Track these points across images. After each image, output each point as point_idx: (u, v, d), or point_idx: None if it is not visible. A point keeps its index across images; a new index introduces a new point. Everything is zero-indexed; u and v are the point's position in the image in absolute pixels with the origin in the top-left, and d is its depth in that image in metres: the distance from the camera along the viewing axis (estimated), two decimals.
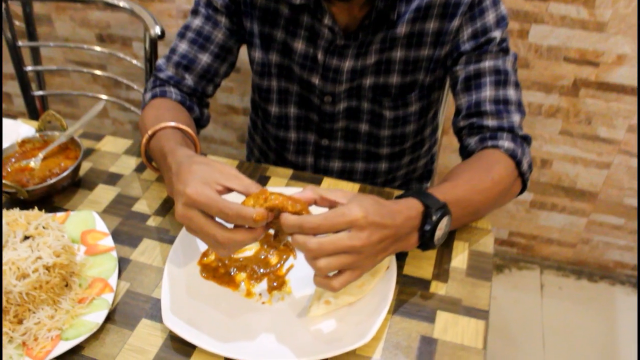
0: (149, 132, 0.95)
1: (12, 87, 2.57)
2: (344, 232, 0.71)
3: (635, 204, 1.99)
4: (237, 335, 0.78)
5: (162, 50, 1.43)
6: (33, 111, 1.79)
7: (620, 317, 2.02)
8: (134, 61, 1.61)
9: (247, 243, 0.74)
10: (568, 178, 2.00)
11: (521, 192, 1.02)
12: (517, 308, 2.07)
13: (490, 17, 1.01)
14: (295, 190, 0.78)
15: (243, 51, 1.19)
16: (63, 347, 0.76)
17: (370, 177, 1.25)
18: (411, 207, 0.80)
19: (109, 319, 0.81)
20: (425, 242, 0.82)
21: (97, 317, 0.79)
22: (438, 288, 0.86)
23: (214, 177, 0.75)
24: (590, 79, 1.77)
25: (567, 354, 1.91)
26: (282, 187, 1.05)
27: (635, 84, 1.74)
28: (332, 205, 0.76)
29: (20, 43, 1.63)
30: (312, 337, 0.78)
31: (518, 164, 0.97)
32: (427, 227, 0.81)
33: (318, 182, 1.07)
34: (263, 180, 1.07)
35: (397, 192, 1.03)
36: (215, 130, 2.33)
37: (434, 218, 0.80)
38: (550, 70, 1.79)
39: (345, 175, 1.24)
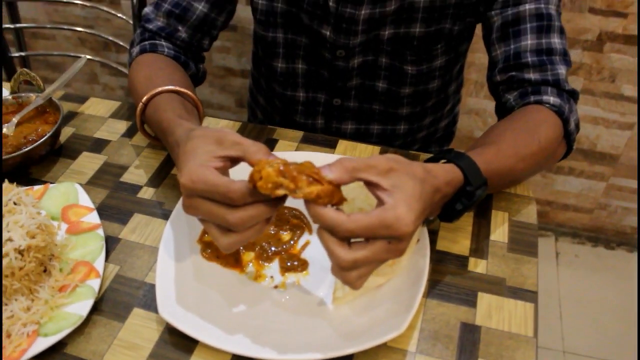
0: (143, 100, 0.84)
1: None
2: (382, 242, 0.60)
3: None
4: (246, 328, 0.68)
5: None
6: (10, 71, 1.66)
7: (638, 285, 1.99)
8: (123, 16, 1.48)
9: (264, 216, 0.62)
10: (588, 140, 1.95)
11: (566, 154, 0.92)
12: None
13: None
14: (309, 156, 0.65)
15: (241, 7, 1.06)
16: (41, 344, 0.65)
17: (388, 140, 1.17)
18: (450, 182, 0.70)
19: (95, 309, 0.71)
20: (447, 214, 0.75)
21: (81, 307, 0.69)
22: (477, 266, 0.76)
23: (211, 151, 0.63)
24: (617, 32, 1.70)
25: (584, 323, 1.89)
26: (291, 151, 0.94)
27: None
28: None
29: None
30: (335, 328, 0.68)
31: (565, 122, 0.87)
32: (459, 207, 0.73)
33: (332, 145, 0.96)
34: (270, 144, 0.97)
35: (423, 156, 0.93)
36: (212, 94, 2.25)
37: (470, 200, 0.72)
38: (574, 22, 1.71)
39: (359, 137, 1.14)
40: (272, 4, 1.02)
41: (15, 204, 0.71)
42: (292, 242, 0.78)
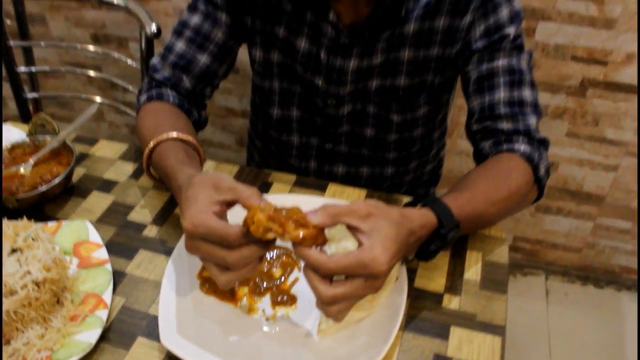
0: (150, 146, 0.91)
1: (4, 89, 2.52)
2: (360, 279, 0.67)
3: None
4: (240, 356, 0.74)
5: (159, 49, 1.38)
6: (26, 115, 1.75)
7: (626, 324, 2.00)
8: (130, 61, 1.57)
9: (257, 256, 0.69)
10: (574, 181, 1.99)
11: (537, 199, 0.98)
12: (523, 314, 2.05)
13: (504, 13, 0.97)
14: (300, 199, 0.72)
15: (242, 52, 1.14)
16: None
17: (376, 182, 1.22)
18: (425, 225, 0.77)
19: (103, 337, 0.77)
20: (423, 254, 0.81)
21: (90, 336, 0.75)
22: (451, 302, 0.82)
23: (209, 197, 0.70)
24: (598, 79, 1.75)
25: None
26: (285, 194, 1.01)
27: None
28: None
29: (11, 42, 1.58)
30: (319, 357, 0.74)
31: (535, 169, 0.93)
32: (433, 247, 0.80)
33: (323, 188, 1.03)
34: (265, 187, 1.03)
35: (405, 199, 0.99)
36: (213, 133, 2.30)
37: (443, 242, 0.79)
38: (557, 69, 1.77)
39: (349, 180, 1.20)
40: (268, 55, 1.07)
41: (33, 239, 0.78)
42: (282, 279, 0.84)
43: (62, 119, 2.51)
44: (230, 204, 0.72)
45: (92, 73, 1.66)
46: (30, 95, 1.72)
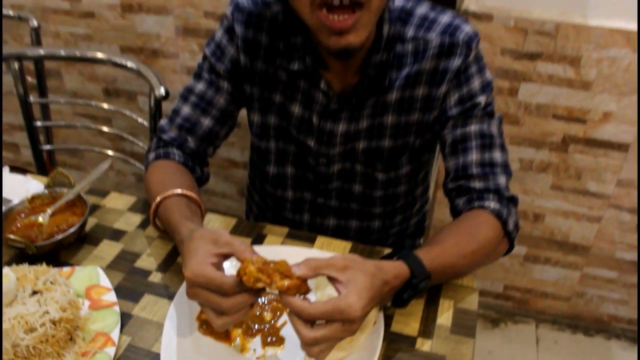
0: (157, 201, 1.00)
1: (20, 138, 2.64)
2: (338, 324, 0.76)
3: (627, 257, 2.03)
4: None
5: (166, 106, 1.49)
6: (40, 162, 1.84)
7: None
8: (140, 119, 1.67)
9: (249, 302, 0.79)
10: (560, 232, 2.04)
11: (508, 251, 1.06)
12: None
13: (476, 84, 1.07)
14: (290, 250, 0.82)
15: (244, 110, 1.24)
16: None
17: (364, 234, 1.30)
18: (398, 276, 0.86)
19: None
20: (397, 302, 0.90)
21: None
22: (424, 345, 0.90)
23: (209, 250, 0.80)
24: (579, 136, 1.84)
25: None
26: (277, 245, 1.09)
27: (621, 140, 1.81)
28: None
29: (31, 99, 1.70)
30: None
31: (504, 224, 1.01)
32: (406, 296, 0.88)
33: (312, 241, 1.11)
34: (260, 238, 1.11)
35: (386, 250, 1.07)
36: (216, 183, 2.38)
37: (415, 291, 0.88)
38: (540, 127, 1.86)
39: (340, 231, 1.28)
40: (266, 119, 1.16)
41: (51, 283, 0.88)
42: (272, 322, 0.93)
43: (72, 166, 2.61)
44: (226, 256, 0.82)
45: (105, 128, 1.77)
46: (46, 147, 1.83)
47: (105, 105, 1.73)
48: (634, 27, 1.63)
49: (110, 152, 1.89)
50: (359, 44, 0.94)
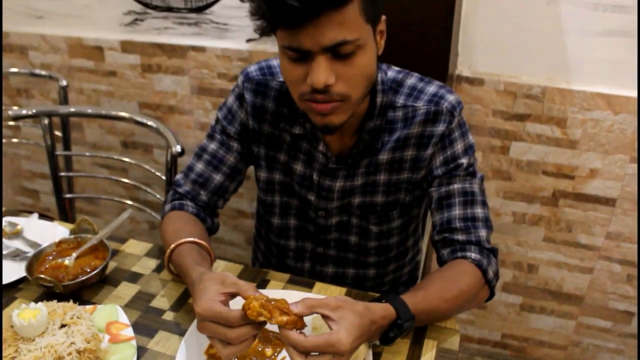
0: (171, 248, 1.11)
1: (40, 185, 2.77)
2: (329, 356, 0.85)
3: (620, 307, 2.08)
4: None
5: (181, 161, 1.62)
6: (62, 209, 1.96)
7: None
8: (157, 173, 1.79)
9: (252, 333, 0.89)
10: (554, 282, 2.11)
11: (489, 298, 1.15)
12: None
13: (459, 147, 1.18)
14: (290, 293, 0.92)
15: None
16: None
17: (361, 282, 1.38)
18: (385, 317, 0.95)
19: None
20: (384, 340, 0.99)
21: None
22: None
23: (217, 289, 0.91)
24: (568, 191, 1.94)
25: None
26: (279, 289, 1.19)
27: (608, 195, 1.90)
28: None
29: (57, 152, 1.84)
30: None
31: (484, 272, 1.11)
32: (392, 335, 0.97)
33: (311, 286, 1.20)
34: (264, 283, 1.21)
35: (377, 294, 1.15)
36: (225, 232, 2.48)
37: (400, 330, 0.97)
38: (531, 182, 1.96)
39: (338, 279, 1.38)
40: (271, 176, 1.27)
41: (77, 317, 0.99)
42: (273, 356, 1.02)
43: (88, 213, 2.73)
44: (232, 296, 0.93)
45: (124, 179, 1.89)
46: (68, 195, 1.95)
47: (125, 159, 1.86)
48: (614, 91, 1.75)
49: (127, 201, 2.01)
50: (339, 124, 1.05)
